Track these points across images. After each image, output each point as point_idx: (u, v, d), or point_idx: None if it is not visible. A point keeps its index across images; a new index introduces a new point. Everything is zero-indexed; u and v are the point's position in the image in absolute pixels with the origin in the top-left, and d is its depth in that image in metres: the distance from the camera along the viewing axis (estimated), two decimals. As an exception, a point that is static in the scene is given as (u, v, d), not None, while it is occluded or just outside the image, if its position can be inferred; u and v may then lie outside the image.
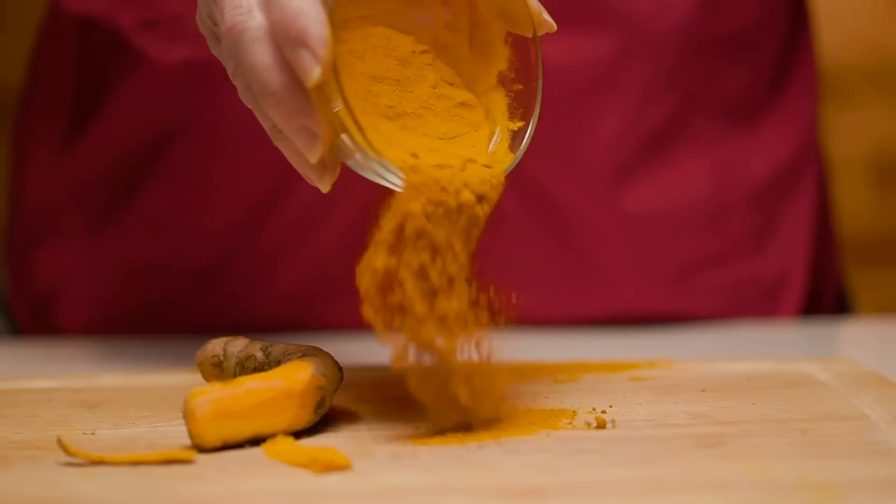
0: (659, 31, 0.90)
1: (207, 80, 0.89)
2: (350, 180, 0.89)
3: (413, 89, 0.64)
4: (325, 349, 0.64)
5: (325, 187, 0.61)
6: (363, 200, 0.89)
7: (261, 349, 0.65)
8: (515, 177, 0.63)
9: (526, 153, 0.62)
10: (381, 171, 0.60)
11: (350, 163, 0.61)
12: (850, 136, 1.69)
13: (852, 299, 1.06)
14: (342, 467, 0.56)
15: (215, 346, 0.66)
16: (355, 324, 0.91)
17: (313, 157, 0.59)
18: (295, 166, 0.62)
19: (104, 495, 0.53)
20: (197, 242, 0.92)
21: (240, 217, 0.91)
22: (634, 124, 0.91)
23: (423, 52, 0.65)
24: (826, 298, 1.00)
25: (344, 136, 0.59)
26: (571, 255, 0.91)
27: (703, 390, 0.68)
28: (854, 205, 1.68)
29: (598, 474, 0.55)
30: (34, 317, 0.97)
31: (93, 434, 0.63)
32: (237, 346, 0.66)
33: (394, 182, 0.60)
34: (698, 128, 0.93)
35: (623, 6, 0.89)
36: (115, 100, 0.92)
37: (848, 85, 1.68)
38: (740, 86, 0.94)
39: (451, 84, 0.65)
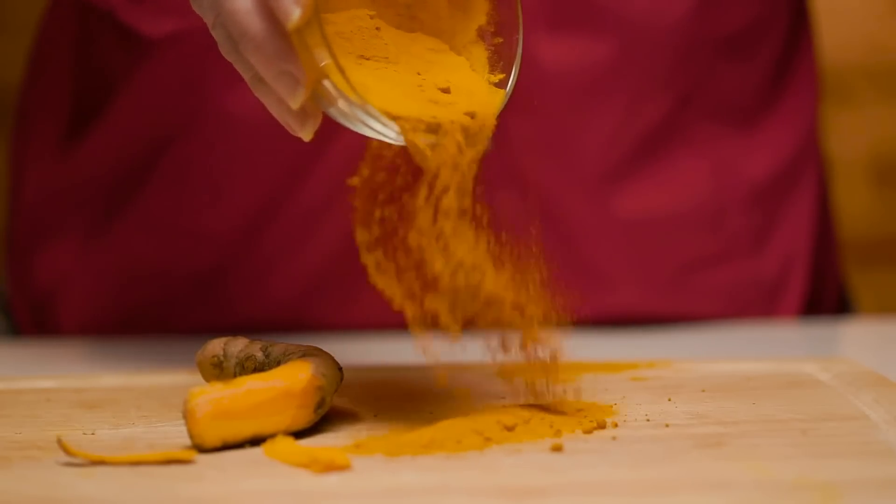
0: (656, 32, 0.90)
1: (207, 82, 0.89)
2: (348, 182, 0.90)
3: (403, 66, 0.64)
4: (325, 349, 0.64)
5: (306, 136, 0.62)
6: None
7: (261, 349, 0.65)
8: (512, 178, 0.63)
9: (524, 154, 0.62)
10: (366, 118, 0.60)
11: (333, 112, 0.60)
12: (850, 136, 1.69)
13: (852, 299, 1.05)
14: (342, 467, 0.56)
15: (215, 346, 0.66)
16: (355, 324, 0.92)
17: (295, 103, 0.59)
18: (276, 115, 0.62)
19: (104, 495, 0.54)
20: (197, 243, 0.92)
21: (240, 218, 0.91)
22: (631, 126, 0.91)
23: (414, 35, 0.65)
24: (826, 298, 1.00)
25: (326, 82, 0.59)
26: (570, 256, 0.91)
27: (703, 390, 0.68)
28: (854, 205, 1.68)
29: (598, 474, 0.55)
30: (34, 317, 0.97)
31: (93, 434, 0.63)
32: (237, 346, 0.66)
33: (379, 130, 0.60)
34: (696, 128, 0.93)
35: (620, 8, 0.89)
36: (116, 102, 0.92)
37: (848, 85, 1.68)
38: (739, 86, 0.94)
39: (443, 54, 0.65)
